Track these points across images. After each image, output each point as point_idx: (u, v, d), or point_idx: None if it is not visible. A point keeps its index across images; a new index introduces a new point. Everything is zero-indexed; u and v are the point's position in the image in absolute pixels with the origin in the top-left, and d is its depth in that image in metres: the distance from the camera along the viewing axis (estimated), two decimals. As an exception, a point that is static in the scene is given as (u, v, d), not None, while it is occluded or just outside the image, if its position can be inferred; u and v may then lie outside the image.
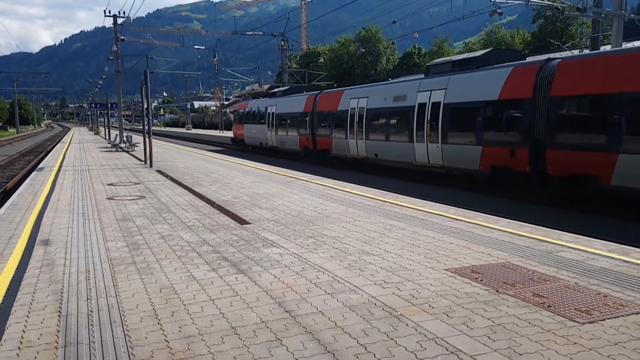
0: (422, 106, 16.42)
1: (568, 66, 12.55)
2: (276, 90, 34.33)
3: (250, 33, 60.20)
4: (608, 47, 26.33)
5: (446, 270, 5.31)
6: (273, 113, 29.17)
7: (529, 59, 15.80)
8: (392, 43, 69.51)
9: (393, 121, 18.61)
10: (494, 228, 7.34)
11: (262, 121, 30.63)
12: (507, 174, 13.62)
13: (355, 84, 41.20)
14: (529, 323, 3.92)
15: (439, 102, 15.69)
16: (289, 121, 27.22)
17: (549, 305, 4.28)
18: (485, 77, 14.60)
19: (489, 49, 19.37)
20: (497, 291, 4.64)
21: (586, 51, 30.19)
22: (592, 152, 11.41)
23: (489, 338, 3.64)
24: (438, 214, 8.45)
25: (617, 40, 17.80)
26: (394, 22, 41.20)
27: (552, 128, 12.30)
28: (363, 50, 69.89)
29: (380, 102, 19.21)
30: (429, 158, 16.19)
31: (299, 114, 25.96)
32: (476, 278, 5.02)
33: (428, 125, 16.08)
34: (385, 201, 9.86)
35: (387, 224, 7.71)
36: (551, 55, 18.18)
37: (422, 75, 18.87)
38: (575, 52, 31.20)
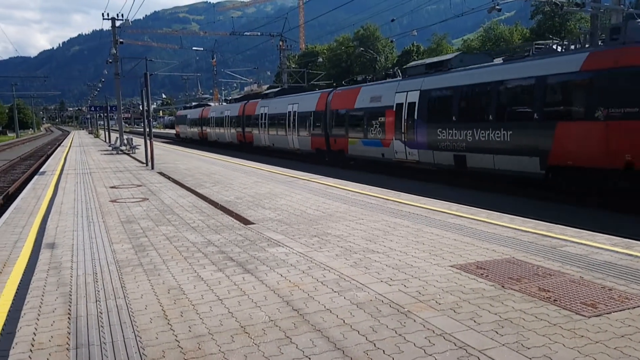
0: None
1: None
2: (194, 104, 57.72)
3: (248, 34, 60.16)
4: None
5: (451, 266, 5.34)
6: (190, 118, 49.81)
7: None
8: (391, 41, 69.54)
9: (220, 123, 39.12)
10: (497, 224, 7.38)
11: (186, 123, 51.22)
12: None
13: (354, 83, 45.48)
14: (536, 317, 3.95)
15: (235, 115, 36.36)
16: (195, 122, 47.24)
17: (554, 300, 4.31)
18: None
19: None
20: (502, 286, 4.67)
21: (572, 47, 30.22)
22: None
23: (497, 333, 3.67)
24: (441, 211, 8.48)
25: (616, 35, 17.73)
26: (392, 20, 41.14)
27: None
28: (362, 49, 69.92)
29: (218, 114, 40.10)
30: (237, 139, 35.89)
31: (198, 119, 46.16)
32: (481, 274, 5.06)
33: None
34: (387, 199, 9.89)
35: (391, 222, 7.74)
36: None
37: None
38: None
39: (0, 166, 28.51)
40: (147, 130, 18.77)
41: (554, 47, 14.34)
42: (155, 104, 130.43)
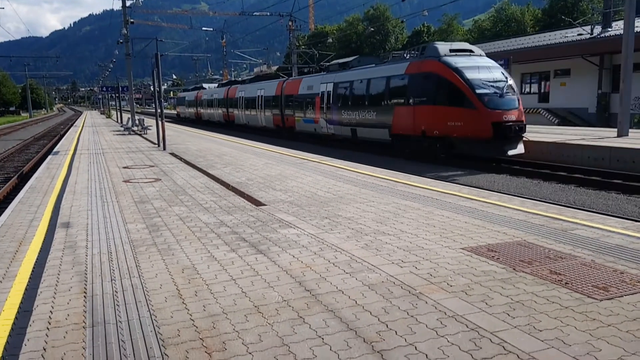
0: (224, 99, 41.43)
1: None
2: (190, 87, 65.11)
3: (257, 14, 59.68)
4: (620, 23, 25.79)
5: (462, 249, 5.35)
6: (187, 100, 56.27)
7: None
8: (402, 22, 68.80)
9: (211, 104, 45.58)
10: (508, 207, 7.36)
11: (184, 104, 57.81)
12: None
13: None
14: (547, 300, 3.97)
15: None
16: (191, 104, 53.41)
17: (566, 283, 4.32)
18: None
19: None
20: (514, 269, 4.68)
21: (598, 27, 29.86)
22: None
23: (508, 315, 3.69)
24: (452, 194, 8.46)
25: (630, 16, 17.41)
26: (403, 0, 40.62)
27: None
28: (372, 29, 69.18)
29: (209, 96, 46.31)
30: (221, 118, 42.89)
31: (194, 100, 52.29)
32: (493, 256, 5.07)
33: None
34: (397, 182, 9.88)
35: (401, 204, 7.75)
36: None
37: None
38: (587, 28, 30.70)
39: (15, 146, 28.79)
40: (159, 111, 18.81)
41: (405, 55, 20.35)
42: (166, 84, 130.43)
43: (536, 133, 19.56)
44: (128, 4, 32.57)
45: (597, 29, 30.13)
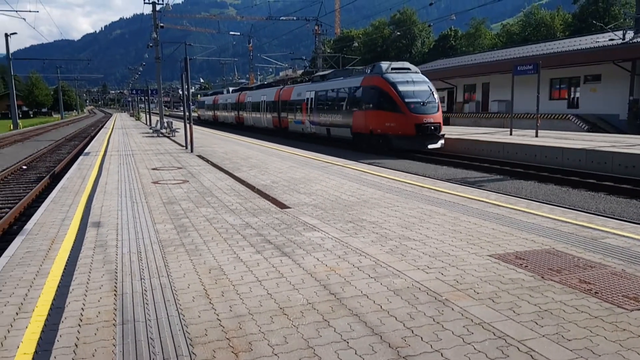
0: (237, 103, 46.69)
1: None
2: (209, 92, 71.67)
3: (284, 18, 60.11)
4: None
5: (490, 256, 5.30)
6: (206, 104, 62.08)
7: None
8: (428, 26, 68.31)
9: (225, 108, 51.16)
10: (536, 214, 7.25)
11: (204, 107, 63.62)
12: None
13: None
14: (576, 309, 3.90)
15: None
16: (210, 107, 59.28)
17: (596, 292, 4.25)
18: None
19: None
20: (542, 277, 4.62)
21: (630, 32, 29.22)
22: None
23: (536, 324, 3.64)
24: (478, 200, 8.38)
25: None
26: (431, 4, 40.40)
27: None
28: (398, 33, 68.92)
29: (224, 101, 52.08)
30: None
31: (212, 104, 58.04)
32: (521, 264, 5.01)
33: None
34: (423, 187, 9.83)
35: (427, 209, 7.71)
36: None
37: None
38: (619, 33, 30.06)
39: (47, 146, 29.54)
40: (187, 114, 19.09)
41: (366, 70, 24.57)
42: (193, 88, 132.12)
43: (564, 139, 19.24)
44: (158, 8, 33.16)
45: (629, 34, 29.49)
